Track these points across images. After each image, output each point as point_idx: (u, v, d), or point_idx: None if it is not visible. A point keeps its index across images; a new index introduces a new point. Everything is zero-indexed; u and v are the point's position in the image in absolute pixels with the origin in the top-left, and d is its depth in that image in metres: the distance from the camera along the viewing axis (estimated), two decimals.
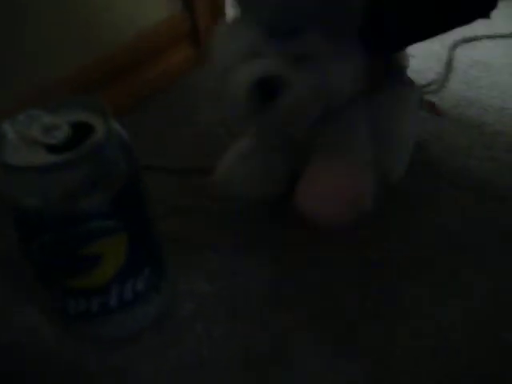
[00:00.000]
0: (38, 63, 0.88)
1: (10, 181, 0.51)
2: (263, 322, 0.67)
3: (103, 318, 0.62)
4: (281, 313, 0.68)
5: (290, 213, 0.74)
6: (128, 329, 0.65)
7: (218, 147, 0.88)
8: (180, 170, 0.87)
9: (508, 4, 1.07)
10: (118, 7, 0.98)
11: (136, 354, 0.64)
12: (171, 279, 0.69)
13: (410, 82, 0.87)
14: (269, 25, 0.64)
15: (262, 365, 0.63)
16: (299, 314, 0.68)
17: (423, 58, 1.09)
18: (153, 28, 1.04)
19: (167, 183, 0.86)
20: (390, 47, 0.77)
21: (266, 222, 0.78)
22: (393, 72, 0.81)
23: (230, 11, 1.21)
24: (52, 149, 0.52)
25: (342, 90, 0.68)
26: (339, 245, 0.75)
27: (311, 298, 0.69)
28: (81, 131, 0.53)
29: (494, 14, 0.73)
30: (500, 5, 0.72)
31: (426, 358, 0.62)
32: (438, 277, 0.71)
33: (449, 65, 1.07)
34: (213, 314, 0.68)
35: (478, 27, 0.95)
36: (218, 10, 1.14)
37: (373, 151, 0.73)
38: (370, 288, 0.70)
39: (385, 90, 0.76)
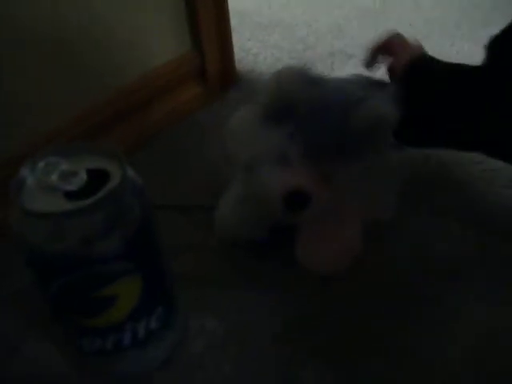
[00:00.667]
0: (49, 105, 0.91)
1: (29, 226, 0.54)
2: (271, 357, 0.69)
3: (117, 356, 0.64)
4: (289, 348, 0.70)
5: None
6: (141, 365, 0.67)
7: (226, 184, 0.90)
8: (190, 207, 0.89)
9: None
10: (127, 47, 1.00)
11: None
12: (183, 316, 0.71)
13: None
14: (307, 145, 0.69)
15: None
16: (305, 349, 0.69)
17: None
18: (162, 67, 1.07)
19: (177, 221, 0.88)
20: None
21: (276, 260, 0.80)
22: None
23: (239, 52, 1.25)
24: (70, 195, 0.54)
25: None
26: (340, 280, 0.77)
27: (317, 332, 0.72)
28: (97, 177, 0.56)
29: None
30: None
31: None
32: (438, 312, 0.73)
33: None
34: (223, 351, 0.70)
35: None
36: (226, 49, 1.17)
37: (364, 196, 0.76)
38: (370, 322, 0.72)
39: None
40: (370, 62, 0.89)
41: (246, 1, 1.54)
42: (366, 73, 0.90)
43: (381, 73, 0.89)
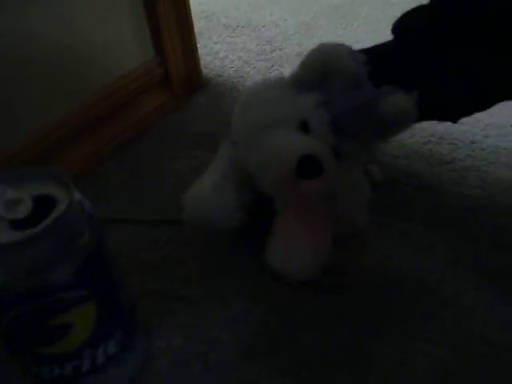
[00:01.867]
0: (10, 120, 0.89)
1: None
2: (237, 376, 0.68)
3: (77, 382, 0.63)
4: (255, 365, 0.68)
5: (262, 263, 0.77)
6: None
7: None
8: (153, 221, 0.88)
9: None
10: (88, 59, 0.98)
11: None
12: (145, 336, 0.70)
13: None
14: (334, 117, 0.69)
15: None
16: (273, 367, 0.68)
17: None
18: (125, 76, 1.05)
19: (140, 235, 0.86)
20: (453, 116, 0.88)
21: (239, 274, 0.79)
22: None
23: (205, 56, 1.24)
24: (16, 224, 0.53)
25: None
26: (310, 293, 0.76)
27: (285, 348, 0.70)
28: (44, 204, 0.54)
29: None
30: None
31: None
32: (408, 322, 0.72)
33: None
34: (188, 369, 0.68)
35: None
36: (191, 54, 1.16)
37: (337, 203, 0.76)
38: (341, 335, 0.71)
39: None
40: None
41: (212, 2, 1.52)
42: None
43: None
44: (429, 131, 1.01)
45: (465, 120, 1.03)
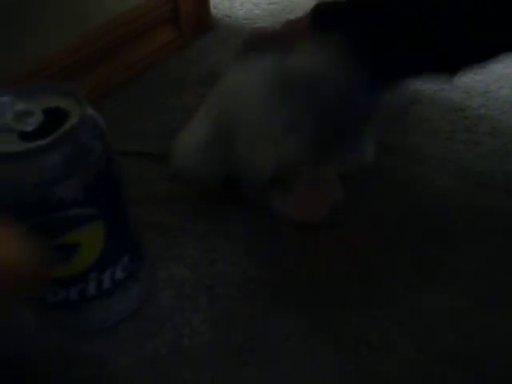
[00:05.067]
0: (12, 51, 0.87)
1: None
2: (242, 309, 0.67)
3: (82, 307, 0.62)
4: (259, 300, 0.67)
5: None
6: (107, 317, 0.64)
7: None
8: (158, 155, 0.86)
9: None
10: None
11: (115, 342, 0.64)
12: (150, 266, 0.68)
13: None
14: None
15: (241, 352, 0.62)
16: (276, 302, 0.67)
17: None
18: (132, 11, 1.02)
19: (145, 169, 0.85)
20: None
21: (244, 210, 0.77)
22: None
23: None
24: (25, 136, 0.51)
25: None
26: (317, 230, 0.74)
27: (288, 285, 0.69)
28: (55, 117, 0.52)
29: None
30: None
31: (403, 347, 0.62)
32: (419, 265, 0.70)
33: None
34: (192, 302, 0.67)
35: None
36: None
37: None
38: (350, 274, 0.70)
39: None
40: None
41: None
42: None
43: None
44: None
45: (479, 70, 1.01)
